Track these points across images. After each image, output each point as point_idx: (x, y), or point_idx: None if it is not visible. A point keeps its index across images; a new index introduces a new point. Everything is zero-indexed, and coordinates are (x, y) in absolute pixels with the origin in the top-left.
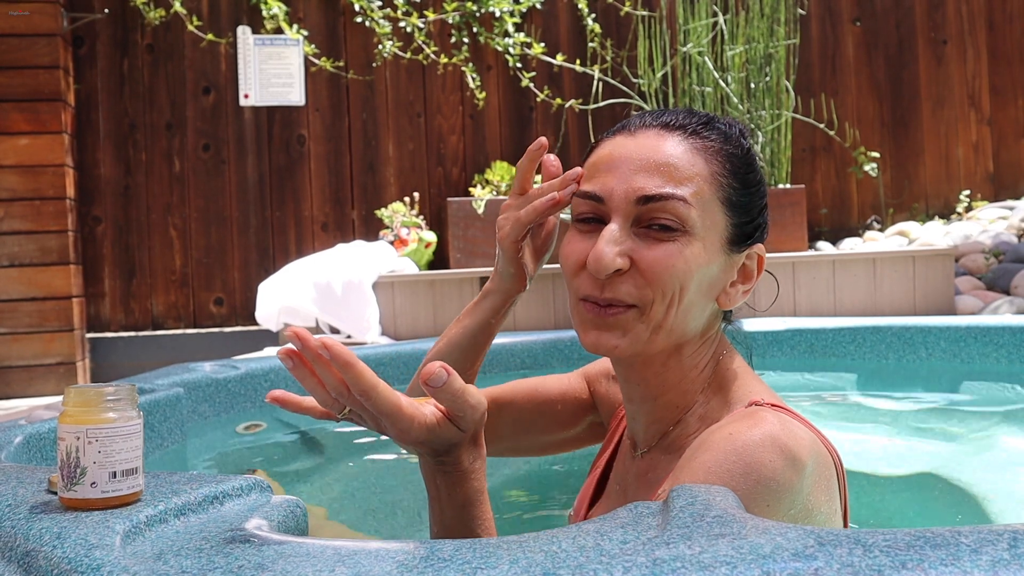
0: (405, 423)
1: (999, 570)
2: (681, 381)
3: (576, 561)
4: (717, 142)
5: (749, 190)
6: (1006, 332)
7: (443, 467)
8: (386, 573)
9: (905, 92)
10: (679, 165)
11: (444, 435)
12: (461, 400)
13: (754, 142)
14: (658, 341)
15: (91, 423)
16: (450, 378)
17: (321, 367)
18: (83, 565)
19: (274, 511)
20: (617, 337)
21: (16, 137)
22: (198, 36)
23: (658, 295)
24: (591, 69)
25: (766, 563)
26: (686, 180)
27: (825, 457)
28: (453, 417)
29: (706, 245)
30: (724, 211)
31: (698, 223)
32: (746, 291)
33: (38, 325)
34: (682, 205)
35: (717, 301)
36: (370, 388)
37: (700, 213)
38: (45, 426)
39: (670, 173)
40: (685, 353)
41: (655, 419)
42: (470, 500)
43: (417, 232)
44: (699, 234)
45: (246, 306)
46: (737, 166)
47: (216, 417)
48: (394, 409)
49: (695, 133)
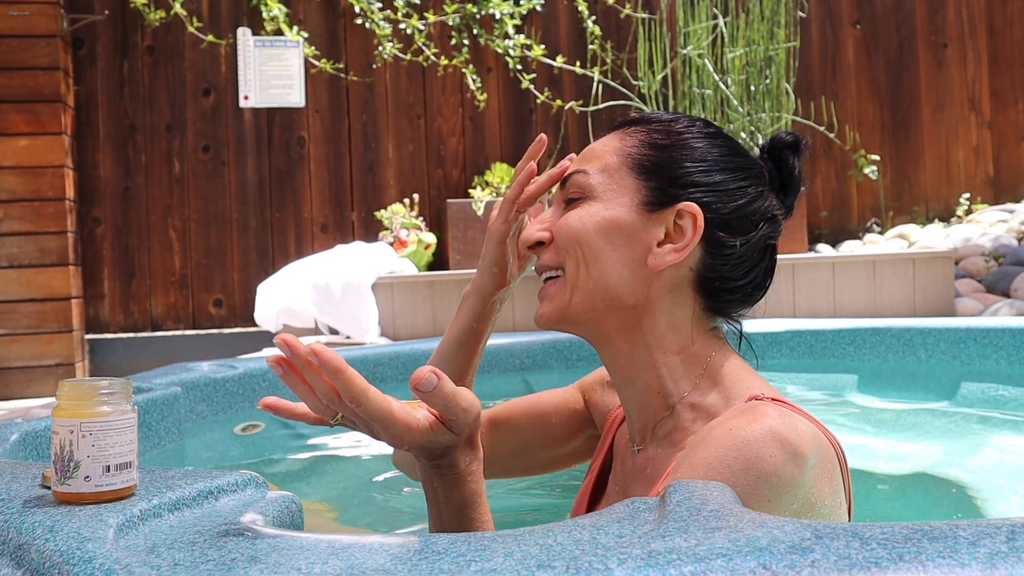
0: (397, 428)
1: (997, 563)
2: (652, 362)
3: (571, 554)
4: (642, 126)
5: (671, 154)
6: (1006, 334)
7: (439, 470)
8: (380, 566)
9: (905, 95)
10: (596, 148)
11: (437, 439)
12: (452, 404)
13: (736, 137)
14: (581, 302)
15: (85, 417)
16: (440, 382)
17: (311, 374)
18: (75, 558)
19: (269, 506)
20: (545, 306)
21: (16, 138)
22: (198, 37)
23: (566, 255)
24: (591, 71)
25: (762, 555)
26: (596, 158)
27: (828, 450)
28: (446, 421)
29: (608, 205)
30: (635, 175)
31: (598, 188)
32: (677, 250)
33: (37, 326)
34: (582, 176)
35: (648, 264)
36: (360, 394)
37: (603, 180)
38: (41, 424)
39: (587, 157)
40: (645, 328)
41: (641, 405)
42: (467, 502)
43: (416, 233)
44: (600, 196)
45: (245, 307)
46: (653, 137)
47: (214, 417)
48: (385, 415)
49: (631, 124)
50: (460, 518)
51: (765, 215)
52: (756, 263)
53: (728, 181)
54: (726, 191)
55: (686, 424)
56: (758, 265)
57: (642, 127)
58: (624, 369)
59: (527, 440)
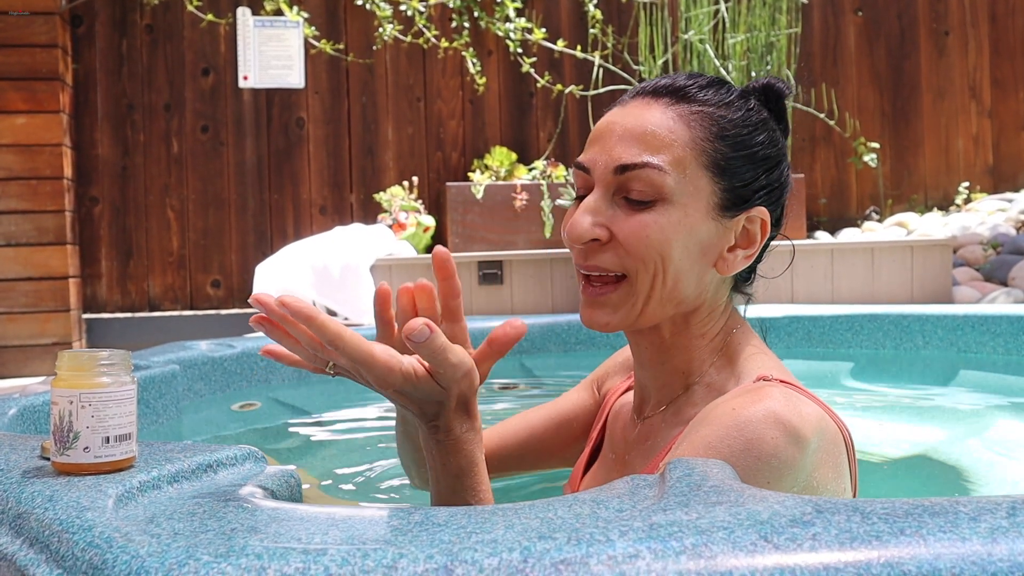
0: (380, 370)
1: (997, 537)
2: (689, 348)
3: (572, 526)
4: (704, 106)
5: (740, 153)
6: (1003, 321)
7: (436, 435)
8: (380, 536)
9: (906, 83)
10: (658, 132)
11: (425, 389)
12: (442, 356)
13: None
14: (651, 312)
15: (84, 387)
16: (432, 335)
17: (290, 326)
18: (75, 526)
19: (268, 480)
20: (608, 314)
21: (13, 116)
22: (197, 17)
23: (639, 265)
24: (592, 55)
25: (763, 528)
26: (663, 147)
27: (833, 434)
28: (434, 373)
29: (688, 212)
30: (710, 176)
31: (676, 190)
32: (748, 256)
33: (34, 305)
34: (656, 173)
35: (716, 268)
36: (336, 337)
37: (679, 179)
38: (39, 399)
39: (647, 141)
40: (694, 321)
41: (663, 383)
42: (463, 470)
43: (415, 216)
44: (678, 201)
45: (243, 288)
46: (726, 129)
47: (211, 395)
48: (366, 356)
49: (683, 98)
50: (457, 486)
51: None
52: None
53: (783, 174)
54: (781, 186)
55: (695, 399)
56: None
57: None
58: (658, 353)
59: (551, 448)
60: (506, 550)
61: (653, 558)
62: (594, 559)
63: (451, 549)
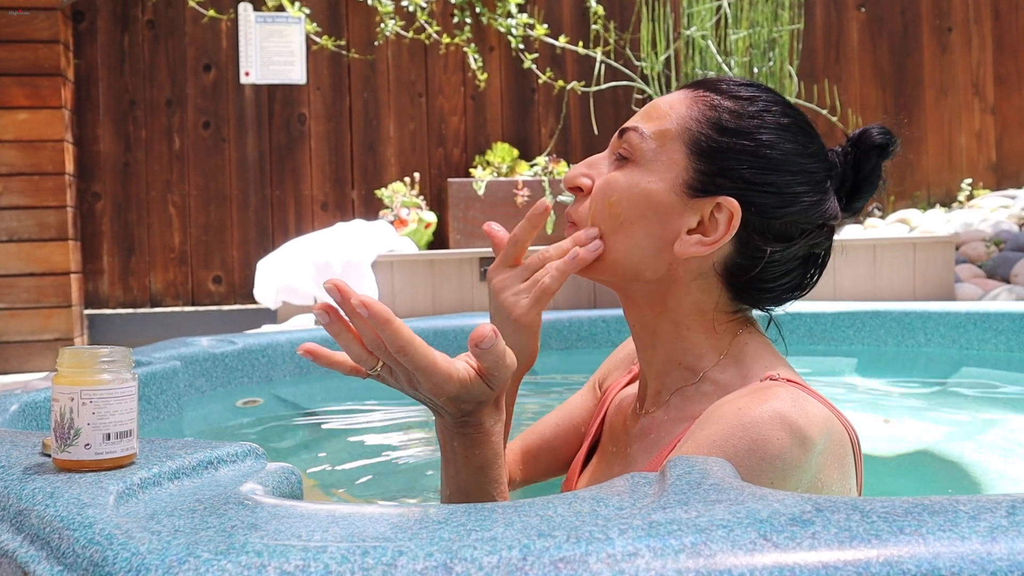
0: (440, 377)
1: (997, 536)
2: (676, 335)
3: (571, 524)
4: (715, 95)
5: (730, 140)
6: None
7: (464, 428)
8: (380, 534)
9: (909, 79)
10: (660, 107)
11: (475, 391)
12: (501, 361)
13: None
14: (605, 266)
15: (85, 384)
16: (497, 340)
17: (359, 322)
18: (75, 523)
19: (269, 477)
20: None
21: (15, 112)
22: (199, 12)
23: (596, 215)
24: (594, 52)
25: (763, 527)
26: (657, 119)
27: (840, 435)
28: (486, 375)
29: (652, 179)
30: (687, 152)
31: (648, 156)
32: (704, 243)
33: (36, 301)
34: (637, 136)
35: (673, 249)
36: (407, 344)
37: (656, 148)
38: (41, 395)
39: (650, 113)
40: (670, 304)
41: (658, 371)
42: (488, 462)
43: (417, 212)
44: (646, 166)
45: (245, 284)
46: (723, 117)
47: (213, 392)
48: (430, 364)
49: (709, 87)
50: (479, 478)
51: (815, 223)
52: (791, 269)
53: (782, 184)
54: (776, 194)
55: (700, 397)
56: (794, 271)
57: (715, 98)
58: (648, 335)
59: (565, 455)
60: (506, 548)
61: (652, 556)
62: (593, 557)
63: (451, 547)
